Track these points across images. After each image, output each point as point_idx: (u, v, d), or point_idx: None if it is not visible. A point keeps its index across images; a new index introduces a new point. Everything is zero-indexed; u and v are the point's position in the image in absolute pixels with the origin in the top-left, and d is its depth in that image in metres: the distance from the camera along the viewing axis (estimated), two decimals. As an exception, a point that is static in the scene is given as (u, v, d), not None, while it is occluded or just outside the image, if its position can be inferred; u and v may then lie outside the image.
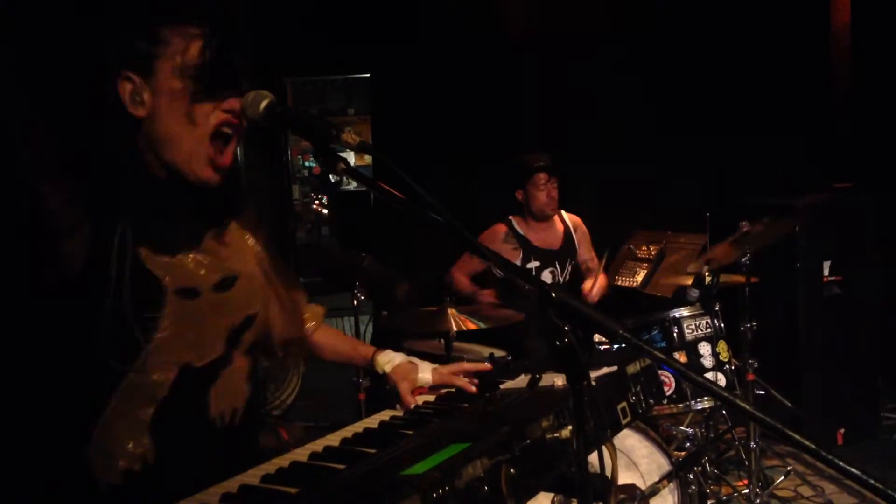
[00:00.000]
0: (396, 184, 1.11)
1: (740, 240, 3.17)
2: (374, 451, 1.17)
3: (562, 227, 3.86)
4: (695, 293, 3.35)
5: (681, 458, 2.72)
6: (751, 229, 3.13)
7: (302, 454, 1.21)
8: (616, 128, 4.66)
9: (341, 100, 5.48)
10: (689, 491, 2.61)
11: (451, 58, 4.69)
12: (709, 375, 3.23)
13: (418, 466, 0.96)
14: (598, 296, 3.68)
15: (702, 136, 4.59)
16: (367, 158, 5.07)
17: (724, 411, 3.59)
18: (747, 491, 3.24)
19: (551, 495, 1.52)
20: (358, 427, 1.37)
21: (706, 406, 3.15)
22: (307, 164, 5.52)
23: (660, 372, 1.70)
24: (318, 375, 4.08)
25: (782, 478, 3.49)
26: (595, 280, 3.74)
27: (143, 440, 1.17)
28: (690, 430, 3.41)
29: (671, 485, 2.50)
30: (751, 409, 0.97)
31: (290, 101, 5.44)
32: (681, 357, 3.22)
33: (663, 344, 3.23)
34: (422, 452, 1.02)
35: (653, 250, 4.36)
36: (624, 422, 1.39)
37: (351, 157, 4.27)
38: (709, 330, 3.28)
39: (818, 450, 0.88)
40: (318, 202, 5.42)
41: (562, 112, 4.66)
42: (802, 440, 0.89)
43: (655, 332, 3.26)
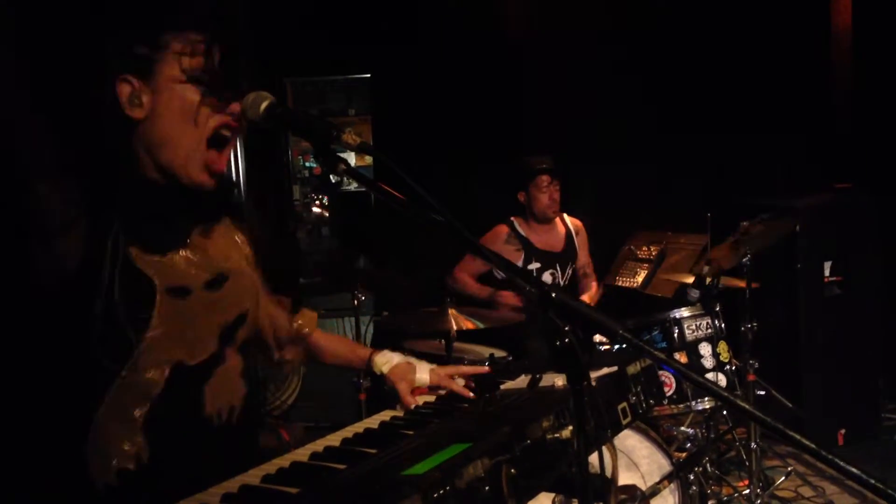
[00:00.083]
0: (397, 184, 1.11)
1: (741, 240, 3.17)
2: (374, 451, 1.17)
3: (563, 230, 3.86)
4: (695, 294, 3.35)
5: (681, 459, 2.72)
6: (751, 229, 3.13)
7: (303, 454, 1.21)
8: (616, 128, 4.66)
9: (341, 100, 5.47)
10: (690, 491, 2.61)
11: (452, 58, 4.69)
12: (709, 376, 3.22)
13: (419, 466, 0.96)
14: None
15: (702, 136, 4.59)
16: (367, 159, 5.06)
17: (724, 412, 3.59)
18: (748, 491, 3.24)
19: (552, 495, 1.52)
20: (358, 427, 1.37)
21: (707, 406, 3.15)
22: (308, 164, 5.52)
23: (660, 372, 1.70)
24: (319, 376, 4.08)
25: (783, 478, 3.49)
26: (590, 294, 3.86)
27: (137, 439, 1.17)
28: (691, 431, 3.41)
29: (672, 485, 2.50)
30: (752, 410, 0.97)
31: (290, 102, 5.43)
32: (681, 357, 3.22)
33: (664, 344, 3.23)
34: (422, 452, 1.02)
35: (653, 251, 4.37)
36: (624, 422, 1.39)
37: (351, 158, 4.27)
38: (709, 330, 3.28)
39: (819, 450, 0.88)
40: (318, 202, 5.42)
41: (562, 112, 4.66)
42: (803, 440, 0.88)
43: (656, 332, 3.26)
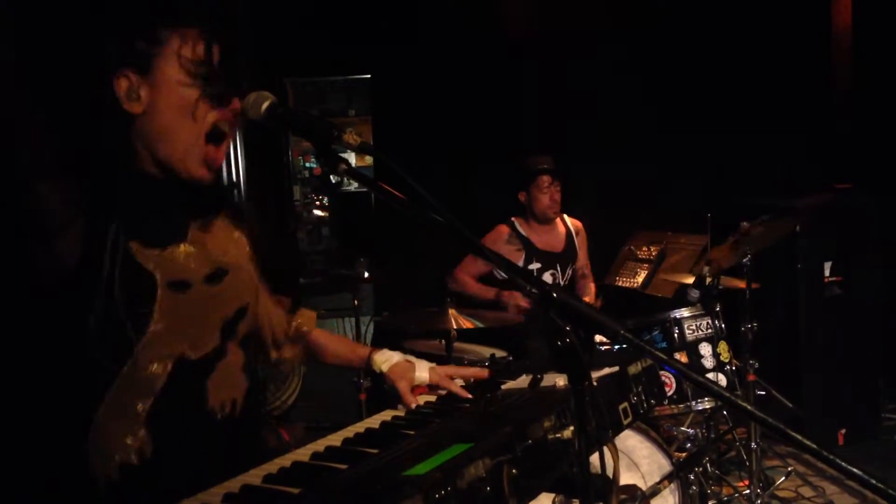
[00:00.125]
0: (397, 185, 1.11)
1: (741, 240, 3.17)
2: (375, 451, 1.17)
3: (563, 230, 3.87)
4: (695, 294, 3.35)
5: (682, 459, 2.72)
6: (751, 230, 3.13)
7: (304, 454, 1.21)
8: (616, 128, 4.66)
9: (342, 100, 5.47)
10: (690, 491, 2.61)
11: (452, 58, 4.69)
12: (710, 376, 3.22)
13: (420, 467, 0.96)
14: None
15: (702, 136, 4.59)
16: (367, 159, 5.07)
17: (724, 412, 3.59)
18: (748, 491, 3.24)
19: (553, 496, 1.52)
20: (359, 427, 1.37)
21: (707, 407, 3.16)
22: (308, 164, 5.52)
23: (661, 372, 1.70)
24: (319, 376, 4.08)
25: (783, 478, 3.49)
26: (590, 295, 3.89)
27: (140, 433, 1.17)
28: (691, 431, 3.41)
29: (672, 485, 2.49)
30: (752, 409, 0.97)
31: (290, 102, 5.44)
32: (682, 358, 3.22)
33: (664, 345, 3.23)
34: (424, 453, 1.02)
35: (653, 251, 4.37)
36: (625, 422, 1.38)
37: (351, 158, 4.27)
38: (709, 330, 3.28)
39: (820, 450, 0.88)
40: (318, 203, 5.42)
41: (562, 112, 4.66)
42: (804, 440, 0.88)
43: (656, 332, 3.26)
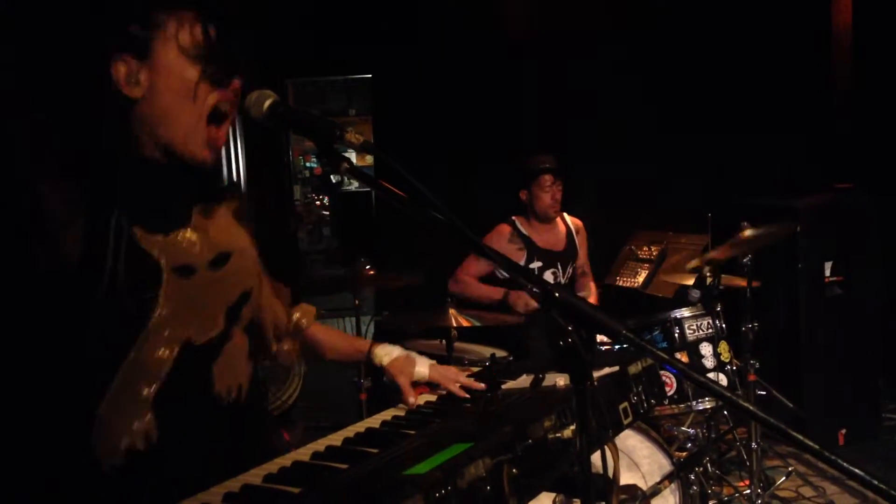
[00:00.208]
0: (398, 185, 1.11)
1: (741, 240, 3.17)
2: (376, 450, 1.17)
3: (564, 229, 3.87)
4: (696, 294, 3.35)
5: (682, 459, 2.71)
6: (751, 230, 3.13)
7: (304, 454, 1.21)
8: (616, 128, 4.66)
9: (342, 100, 5.48)
10: (691, 491, 2.61)
11: (452, 58, 4.69)
12: (710, 376, 3.23)
13: (420, 466, 0.96)
14: None
15: (702, 136, 4.59)
16: (368, 159, 5.08)
17: (725, 412, 3.59)
18: (749, 491, 3.24)
19: (553, 495, 1.52)
20: (360, 427, 1.37)
21: (708, 406, 3.15)
22: (309, 164, 5.53)
23: (661, 372, 1.70)
24: (319, 376, 4.07)
25: (784, 478, 3.49)
26: (591, 294, 3.88)
27: (147, 417, 1.17)
28: (692, 431, 3.41)
29: (672, 485, 2.49)
30: (753, 409, 0.97)
31: (291, 102, 5.44)
32: (682, 357, 3.22)
33: (665, 344, 3.23)
34: (424, 452, 1.02)
35: (654, 251, 4.37)
36: (626, 422, 1.39)
37: (351, 158, 4.27)
38: (710, 330, 3.28)
39: (820, 450, 0.88)
40: (318, 203, 5.44)
41: (562, 112, 4.66)
42: (805, 440, 0.88)
43: (657, 332, 3.26)
